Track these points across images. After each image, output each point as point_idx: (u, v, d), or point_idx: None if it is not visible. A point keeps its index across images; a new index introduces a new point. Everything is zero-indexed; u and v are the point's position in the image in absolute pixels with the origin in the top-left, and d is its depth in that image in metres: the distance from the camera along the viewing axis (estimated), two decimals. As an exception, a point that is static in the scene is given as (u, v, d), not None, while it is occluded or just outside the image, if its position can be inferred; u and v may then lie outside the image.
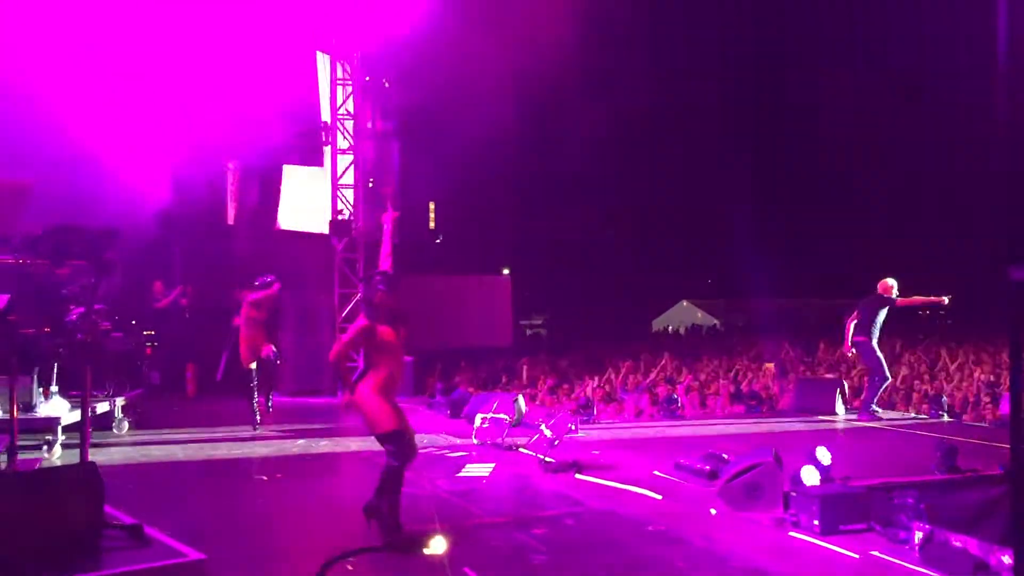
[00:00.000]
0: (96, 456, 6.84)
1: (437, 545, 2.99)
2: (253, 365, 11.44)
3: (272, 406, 12.09)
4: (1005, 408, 12.20)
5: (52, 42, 12.61)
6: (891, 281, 12.77)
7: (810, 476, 7.28)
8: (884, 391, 13.23)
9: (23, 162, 10.78)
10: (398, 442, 6.67)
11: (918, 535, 6.06)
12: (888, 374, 12.90)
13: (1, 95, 11.90)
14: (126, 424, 11.19)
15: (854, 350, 12.88)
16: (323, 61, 16.43)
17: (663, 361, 18.01)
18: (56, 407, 9.57)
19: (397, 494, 6.63)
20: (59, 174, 11.55)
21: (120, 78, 13.39)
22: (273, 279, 11.60)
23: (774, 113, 43.60)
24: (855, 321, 12.72)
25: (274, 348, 11.75)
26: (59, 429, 9.36)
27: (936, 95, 37.90)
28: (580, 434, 10.78)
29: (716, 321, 41.75)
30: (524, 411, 11.67)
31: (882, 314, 12.59)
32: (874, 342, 12.55)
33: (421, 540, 2.98)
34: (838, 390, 13.21)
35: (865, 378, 14.34)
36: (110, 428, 10.98)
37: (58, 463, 8.97)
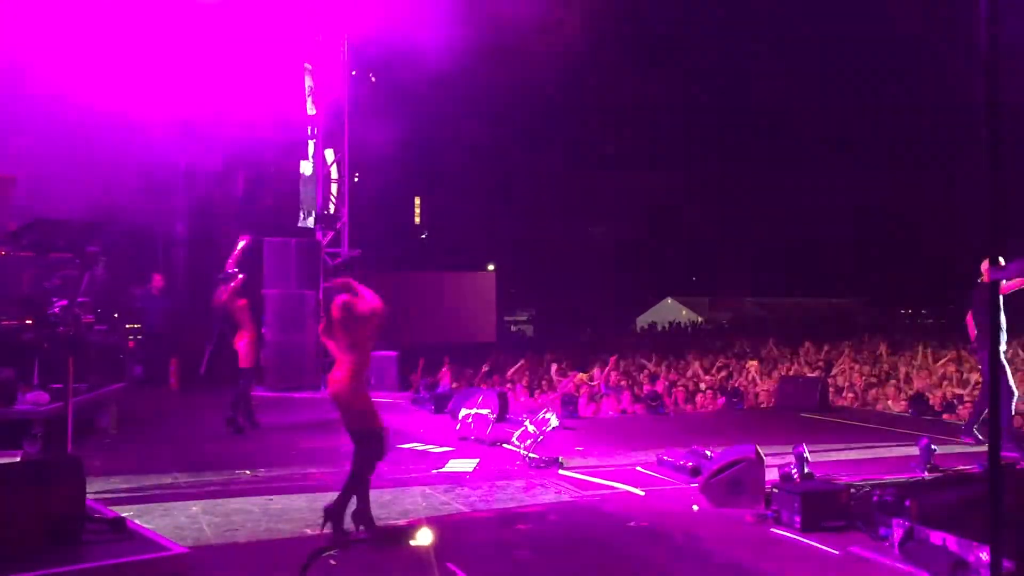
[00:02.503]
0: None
1: (423, 537, 2.98)
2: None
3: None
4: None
5: (42, 33, 12.54)
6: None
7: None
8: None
9: (7, 155, 10.71)
10: (378, 441, 6.64)
11: (898, 532, 6.11)
12: (1013, 388, 9.84)
13: None
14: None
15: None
16: (310, 55, 16.40)
17: (647, 358, 18.07)
18: (37, 400, 9.50)
19: (366, 494, 6.52)
20: (44, 168, 11.48)
21: (101, 69, 13.31)
22: (235, 271, 11.31)
23: (764, 111, 43.74)
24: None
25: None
26: (40, 422, 9.30)
27: (924, 96, 38.13)
28: (564, 430, 10.80)
29: (700, 318, 41.87)
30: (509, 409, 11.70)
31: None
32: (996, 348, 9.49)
33: (407, 532, 2.98)
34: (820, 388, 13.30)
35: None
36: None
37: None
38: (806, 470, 7.53)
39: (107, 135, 12.80)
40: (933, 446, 8.63)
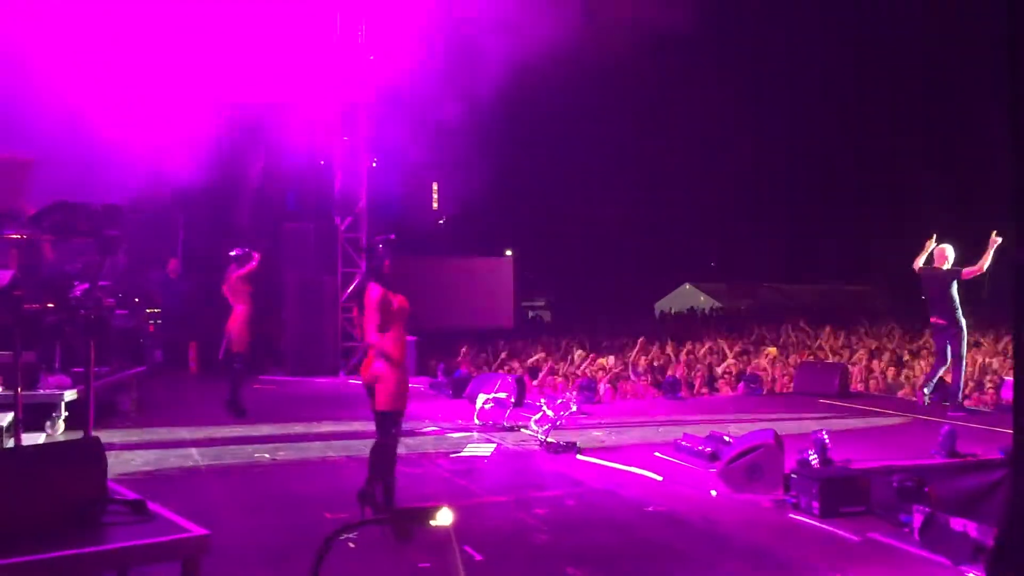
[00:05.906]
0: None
1: (443, 517, 2.97)
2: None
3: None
4: (1007, 393, 12.20)
5: (61, 16, 12.59)
6: None
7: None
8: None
9: (27, 138, 10.76)
10: (398, 422, 6.67)
11: (918, 518, 6.07)
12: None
13: (4, 71, 11.89)
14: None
15: None
16: (328, 40, 16.36)
17: (666, 344, 18.01)
18: (60, 383, 9.59)
19: (391, 474, 6.61)
20: (64, 150, 11.54)
21: (119, 52, 13.35)
22: (249, 251, 11.18)
23: (780, 95, 43.38)
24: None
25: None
26: (62, 405, 9.40)
27: (942, 79, 37.67)
28: (582, 415, 10.80)
29: (718, 304, 41.64)
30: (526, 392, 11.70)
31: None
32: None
33: (426, 513, 2.96)
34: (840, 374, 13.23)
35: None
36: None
37: (61, 439, 9.01)
38: (825, 456, 7.50)
39: (125, 118, 12.85)
40: (955, 432, 8.57)
